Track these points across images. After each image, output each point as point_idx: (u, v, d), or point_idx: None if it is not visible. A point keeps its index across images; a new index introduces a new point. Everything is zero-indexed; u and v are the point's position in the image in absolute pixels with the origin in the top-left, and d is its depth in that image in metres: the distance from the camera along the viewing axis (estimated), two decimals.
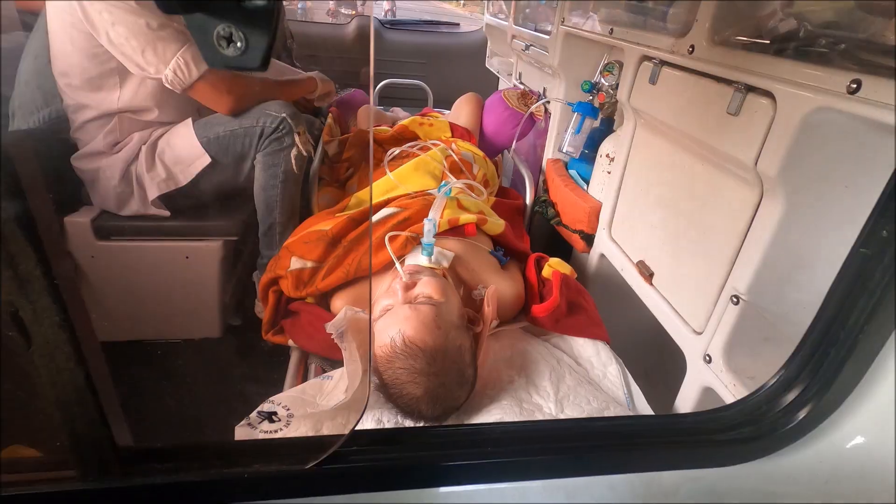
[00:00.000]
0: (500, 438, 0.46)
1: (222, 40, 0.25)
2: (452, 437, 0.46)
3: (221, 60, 0.25)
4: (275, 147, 1.41)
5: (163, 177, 1.41)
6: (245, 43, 0.25)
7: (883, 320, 0.41)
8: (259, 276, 1.60)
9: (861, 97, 0.64)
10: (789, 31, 0.78)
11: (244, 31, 0.24)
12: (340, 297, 1.14)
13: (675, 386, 1.08)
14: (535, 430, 0.52)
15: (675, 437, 0.48)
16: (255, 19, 0.24)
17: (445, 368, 0.86)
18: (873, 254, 0.42)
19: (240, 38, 0.25)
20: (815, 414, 0.45)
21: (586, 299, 1.20)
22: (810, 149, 0.77)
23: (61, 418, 0.32)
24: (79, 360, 0.31)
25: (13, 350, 0.30)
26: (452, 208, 1.24)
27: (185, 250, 1.54)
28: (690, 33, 0.98)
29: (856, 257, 0.44)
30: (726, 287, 0.93)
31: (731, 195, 0.94)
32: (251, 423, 0.82)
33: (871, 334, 0.41)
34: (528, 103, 1.91)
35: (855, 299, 0.42)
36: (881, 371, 0.42)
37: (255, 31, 0.24)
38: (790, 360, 0.49)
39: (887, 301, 0.40)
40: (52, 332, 0.30)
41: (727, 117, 0.89)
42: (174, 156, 1.41)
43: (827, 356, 0.44)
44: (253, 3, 0.23)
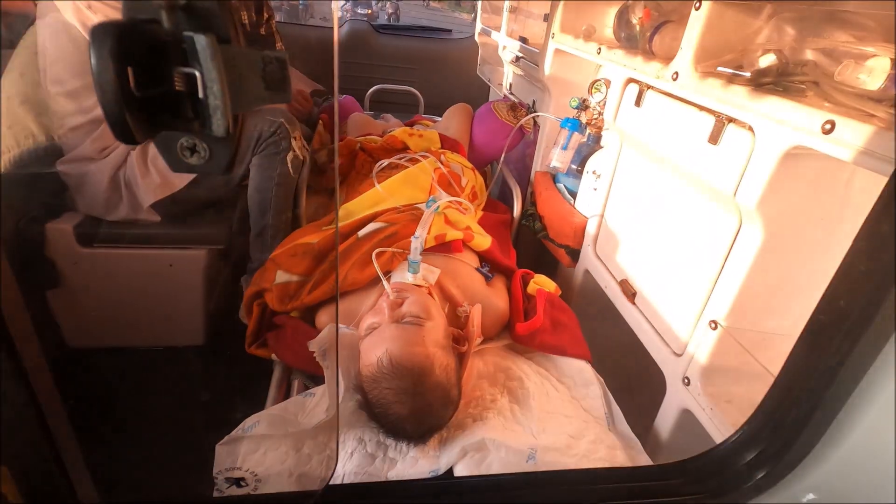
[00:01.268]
0: (470, 493, 0.46)
1: (186, 150, 0.25)
2: (426, 491, 0.47)
3: (186, 167, 0.26)
4: (271, 150, 1.42)
5: (158, 182, 1.40)
6: (208, 153, 0.25)
7: (840, 388, 0.42)
8: (248, 279, 1.59)
9: (835, 138, 0.66)
10: (769, 66, 0.80)
11: (208, 144, 0.25)
12: (326, 312, 1.14)
13: (654, 404, 1.10)
14: (509, 482, 0.52)
15: (645, 489, 0.49)
16: (219, 138, 0.24)
17: (431, 388, 0.86)
18: (831, 321, 0.43)
19: (203, 148, 0.25)
20: (774, 472, 0.46)
21: (570, 318, 1.21)
22: (788, 182, 0.79)
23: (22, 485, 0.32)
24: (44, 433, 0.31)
25: None
26: (439, 224, 1.25)
27: (169, 258, 1.53)
28: (675, 60, 1.00)
29: (815, 324, 0.45)
30: (706, 312, 0.95)
31: (712, 222, 0.96)
32: (218, 488, 0.81)
33: (830, 399, 0.43)
34: (517, 116, 1.93)
35: (814, 364, 0.44)
36: (839, 433, 0.44)
37: (217, 144, 0.25)
38: (753, 417, 0.51)
39: (847, 368, 0.41)
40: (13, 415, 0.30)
41: (708, 146, 0.91)
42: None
43: (787, 417, 0.45)
44: (214, 132, 0.23)
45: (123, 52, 0.21)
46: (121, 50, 0.21)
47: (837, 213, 0.82)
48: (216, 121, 0.23)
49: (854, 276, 0.41)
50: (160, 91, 0.23)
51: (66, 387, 0.54)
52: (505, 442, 0.90)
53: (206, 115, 0.23)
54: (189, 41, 0.22)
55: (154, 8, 0.22)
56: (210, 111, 0.23)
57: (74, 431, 0.33)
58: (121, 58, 0.21)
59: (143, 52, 0.22)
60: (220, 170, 0.27)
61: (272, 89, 0.25)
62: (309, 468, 0.89)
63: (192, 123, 0.24)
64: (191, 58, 0.22)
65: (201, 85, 0.22)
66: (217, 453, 0.91)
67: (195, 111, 0.24)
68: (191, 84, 0.23)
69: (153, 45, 0.22)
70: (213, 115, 0.23)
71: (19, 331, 0.29)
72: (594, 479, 0.52)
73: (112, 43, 0.21)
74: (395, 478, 0.88)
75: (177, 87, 0.23)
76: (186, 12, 0.22)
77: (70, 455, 0.33)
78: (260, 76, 0.24)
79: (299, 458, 0.91)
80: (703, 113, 0.94)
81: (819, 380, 0.42)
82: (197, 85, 0.23)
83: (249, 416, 0.96)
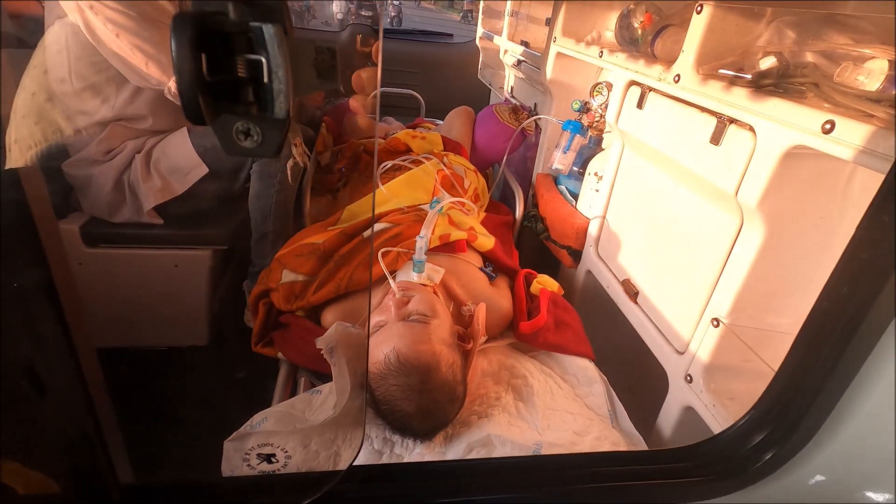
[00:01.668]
0: (488, 473, 0.48)
1: (241, 134, 0.27)
2: (446, 473, 0.48)
3: (240, 150, 0.28)
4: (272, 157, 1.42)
5: (159, 186, 1.41)
6: (261, 136, 0.27)
7: (844, 370, 0.44)
8: (249, 284, 1.61)
9: (835, 137, 0.68)
10: (769, 69, 0.82)
11: (261, 127, 0.27)
12: (331, 311, 1.15)
13: (657, 401, 1.11)
14: (521, 465, 0.54)
15: (655, 472, 0.50)
16: (271, 121, 0.26)
17: (438, 386, 0.87)
18: (834, 309, 0.45)
19: (256, 132, 0.27)
20: (780, 455, 0.48)
21: (573, 317, 1.22)
22: (789, 181, 0.81)
23: (67, 461, 0.33)
24: (89, 408, 0.32)
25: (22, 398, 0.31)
26: (444, 224, 1.26)
27: (174, 258, 1.54)
28: (677, 63, 1.02)
29: (818, 311, 0.47)
30: (707, 310, 0.96)
31: (713, 221, 0.97)
32: (250, 465, 0.83)
33: (832, 383, 0.44)
34: (519, 119, 1.94)
35: (818, 350, 0.45)
36: (841, 416, 0.45)
37: (269, 128, 0.26)
38: (759, 402, 0.52)
39: (848, 352, 0.43)
40: (65, 388, 0.31)
41: (710, 147, 0.93)
42: (170, 165, 1.41)
43: (792, 402, 0.47)
44: (274, 115, 0.25)
45: (198, 40, 0.23)
46: (197, 38, 0.23)
47: (837, 211, 0.84)
48: (279, 104, 0.24)
49: (856, 264, 0.42)
50: (224, 77, 0.24)
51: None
52: (510, 438, 0.91)
53: (268, 99, 0.25)
54: (257, 30, 0.24)
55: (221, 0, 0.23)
56: (274, 95, 0.24)
57: (116, 413, 0.34)
58: (196, 45, 0.23)
59: (213, 41, 0.24)
60: (271, 153, 0.28)
61: (322, 77, 0.27)
62: (316, 464, 0.90)
63: (250, 108, 0.26)
64: (257, 46, 0.24)
65: (266, 70, 0.24)
66: (225, 449, 0.91)
67: (256, 96, 0.25)
68: (254, 70, 0.24)
69: (220, 34, 0.24)
70: (276, 98, 0.24)
71: (73, 315, 0.30)
72: (603, 462, 0.54)
73: (191, 31, 0.23)
74: None
75: (239, 73, 0.25)
76: (249, 4, 0.24)
77: (112, 435, 0.34)
78: (312, 65, 0.26)
79: (307, 455, 0.91)
80: (705, 114, 0.95)
81: (822, 365, 0.44)
82: (262, 71, 0.24)
83: (257, 413, 0.97)
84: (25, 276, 0.29)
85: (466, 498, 0.44)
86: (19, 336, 0.29)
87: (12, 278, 0.28)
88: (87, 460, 0.33)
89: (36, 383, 0.30)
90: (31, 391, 0.30)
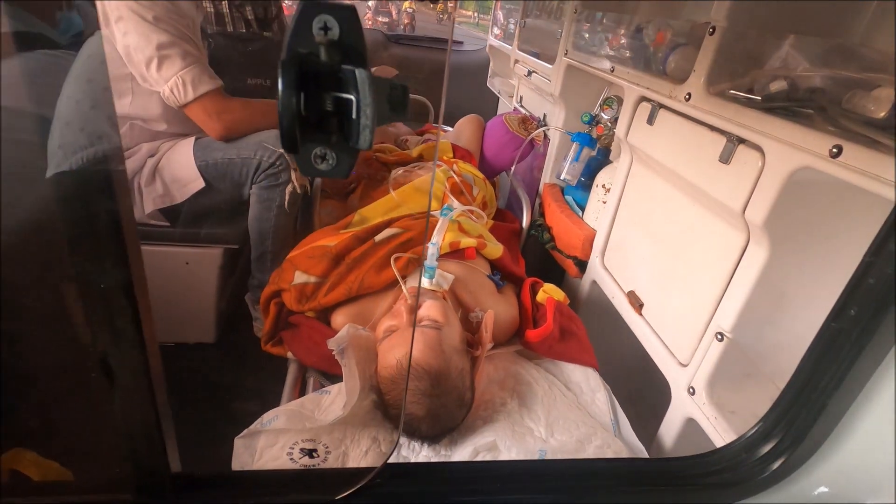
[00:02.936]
0: (509, 476, 0.50)
1: (318, 158, 0.29)
2: (473, 473, 0.50)
3: (315, 172, 0.30)
4: (270, 182, 1.43)
5: (159, 193, 1.44)
6: (336, 160, 0.29)
7: (849, 387, 0.46)
8: (251, 297, 1.63)
9: (842, 161, 0.70)
10: (779, 91, 0.84)
11: (336, 153, 0.29)
12: (341, 313, 1.17)
13: (659, 412, 1.13)
14: (536, 468, 0.56)
15: (663, 479, 0.52)
16: (346, 147, 0.28)
17: (447, 390, 0.89)
18: (842, 328, 0.47)
19: (332, 157, 0.29)
20: (786, 465, 0.50)
21: (578, 326, 1.24)
22: (795, 201, 0.83)
23: (127, 447, 0.35)
24: (151, 399, 0.34)
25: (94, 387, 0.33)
26: (454, 231, 1.29)
27: (186, 256, 1.56)
28: (688, 81, 1.04)
29: (827, 330, 0.49)
30: (712, 324, 0.98)
31: (720, 237, 0.99)
32: (293, 458, 0.85)
33: (838, 398, 0.46)
34: (528, 129, 1.97)
35: (826, 367, 0.47)
36: (846, 430, 0.47)
37: (343, 153, 0.29)
38: (767, 415, 0.54)
39: (854, 370, 0.45)
40: (133, 379, 0.33)
41: (718, 165, 0.95)
42: (172, 174, 1.43)
43: (799, 416, 0.49)
44: (358, 146, 0.27)
45: (300, 81, 0.25)
46: (299, 79, 0.25)
47: (843, 231, 0.86)
48: (363, 137, 0.27)
49: (864, 289, 0.45)
50: (315, 111, 0.27)
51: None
52: (515, 443, 0.93)
53: (353, 132, 0.27)
54: (349, 72, 0.26)
55: (315, 43, 0.26)
56: (360, 129, 0.27)
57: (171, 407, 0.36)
58: (298, 86, 0.25)
59: (308, 80, 0.26)
60: (344, 175, 0.31)
61: (395, 110, 0.29)
62: (325, 463, 0.92)
63: (331, 137, 0.28)
64: (347, 85, 0.26)
65: (356, 108, 0.26)
66: (235, 446, 0.93)
67: (339, 127, 0.28)
68: (343, 106, 0.27)
69: (313, 74, 0.26)
70: (362, 132, 0.27)
71: (145, 312, 0.33)
72: (614, 468, 0.56)
73: (295, 73, 0.25)
74: None
75: (327, 108, 0.27)
76: (339, 48, 0.26)
77: (167, 426, 0.36)
78: (386, 99, 0.28)
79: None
80: (715, 133, 0.98)
81: (829, 381, 0.46)
82: (351, 108, 0.27)
83: (268, 412, 0.99)
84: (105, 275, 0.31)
85: (491, 498, 0.46)
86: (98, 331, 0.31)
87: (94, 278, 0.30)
88: (145, 448, 0.36)
89: (109, 375, 0.32)
90: (104, 382, 0.32)
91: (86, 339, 0.31)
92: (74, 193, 0.38)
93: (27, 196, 0.46)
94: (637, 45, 1.37)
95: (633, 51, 1.36)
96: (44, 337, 0.35)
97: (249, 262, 1.61)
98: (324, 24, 0.26)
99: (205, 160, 1.42)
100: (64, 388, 0.33)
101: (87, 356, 0.32)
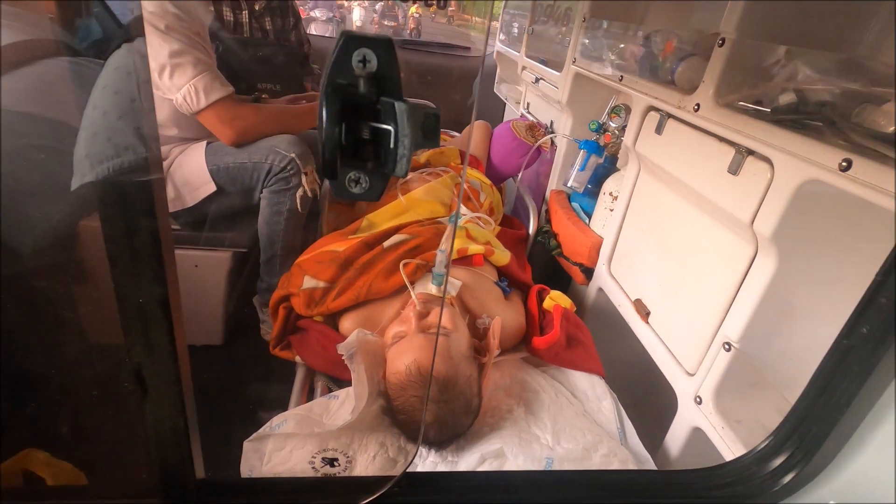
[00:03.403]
0: (523, 486, 0.50)
1: (352, 182, 0.31)
2: (490, 482, 0.51)
3: (349, 195, 0.31)
4: (281, 186, 1.45)
5: (171, 197, 1.45)
6: (369, 184, 0.31)
7: (861, 403, 0.46)
8: (259, 300, 1.64)
9: (851, 175, 0.70)
10: (788, 104, 0.85)
11: (370, 177, 0.30)
12: (349, 318, 1.18)
13: (665, 420, 1.13)
14: (548, 479, 0.56)
15: (673, 491, 0.53)
16: (379, 172, 0.30)
17: (455, 397, 0.90)
18: (854, 345, 0.47)
19: (366, 181, 0.31)
20: (797, 480, 0.50)
21: (584, 333, 1.25)
22: (804, 213, 0.83)
23: (156, 454, 0.36)
24: (181, 409, 0.35)
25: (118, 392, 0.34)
26: (462, 238, 1.29)
27: (195, 259, 1.58)
28: (697, 92, 1.05)
29: (839, 346, 0.50)
30: (719, 334, 0.99)
31: (728, 247, 1.00)
32: (314, 467, 0.87)
33: (850, 415, 0.47)
34: (535, 136, 1.98)
35: (837, 383, 0.48)
36: (857, 446, 0.48)
37: (376, 178, 0.30)
38: (778, 429, 0.55)
39: (866, 387, 0.45)
40: (165, 388, 0.35)
41: (727, 176, 0.96)
42: (183, 178, 1.45)
43: (810, 431, 0.50)
44: (395, 173, 0.28)
45: (342, 112, 0.26)
46: (341, 111, 0.26)
47: (852, 243, 0.86)
48: (401, 165, 0.28)
49: (875, 308, 0.45)
50: (353, 139, 0.28)
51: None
52: (522, 450, 0.94)
53: (390, 160, 0.28)
54: (388, 105, 0.27)
55: (354, 75, 0.27)
56: (398, 158, 0.28)
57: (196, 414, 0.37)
58: (340, 117, 0.27)
59: (348, 110, 0.27)
60: (376, 198, 0.32)
61: (427, 137, 0.30)
62: (345, 473, 0.93)
63: (366, 163, 0.29)
64: (385, 116, 0.28)
65: (394, 138, 0.28)
66: (245, 449, 0.94)
67: (375, 154, 0.29)
68: (379, 135, 0.28)
69: (353, 105, 0.27)
70: (399, 161, 0.28)
71: (177, 321, 0.34)
72: (623, 482, 0.56)
73: (339, 105, 0.26)
74: None
75: (364, 136, 0.28)
76: (377, 80, 0.27)
77: (193, 433, 0.37)
78: (420, 126, 0.29)
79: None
80: (724, 144, 0.98)
81: (840, 397, 0.47)
82: (389, 137, 0.28)
83: (276, 415, 0.99)
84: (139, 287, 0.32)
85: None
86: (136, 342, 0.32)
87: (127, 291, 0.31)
88: (173, 454, 0.37)
89: (141, 383, 0.33)
90: (137, 391, 0.34)
91: (120, 350, 0.32)
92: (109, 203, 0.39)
93: (51, 203, 0.47)
94: (645, 52, 1.38)
95: (641, 60, 1.37)
96: (73, 345, 0.36)
97: (258, 266, 1.62)
98: (363, 58, 0.27)
99: (216, 164, 1.44)
100: (94, 396, 0.34)
101: (121, 366, 0.33)
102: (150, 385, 0.34)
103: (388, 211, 1.47)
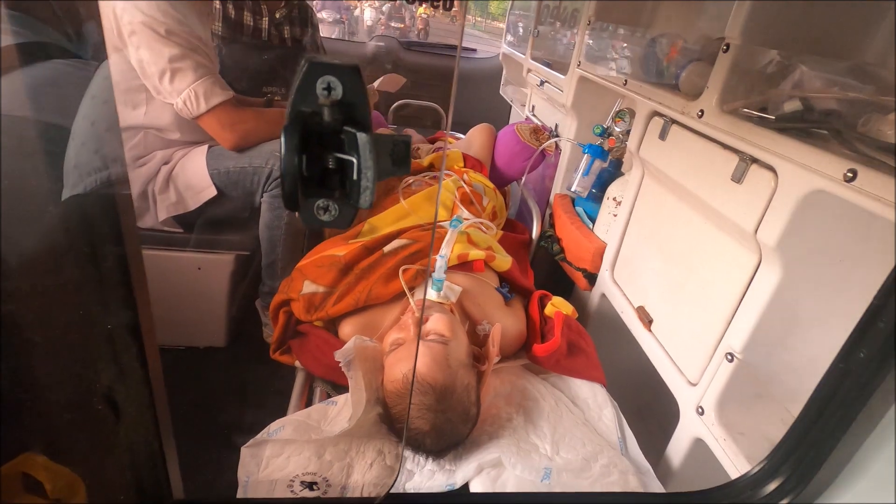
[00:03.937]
0: None
1: (320, 210, 0.30)
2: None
3: (318, 222, 0.31)
4: (280, 191, 1.45)
5: (173, 200, 1.46)
6: (338, 212, 0.30)
7: (857, 431, 0.45)
8: (261, 303, 1.64)
9: (856, 186, 0.69)
10: (793, 111, 0.83)
11: (339, 205, 0.30)
12: (349, 324, 1.17)
13: (667, 430, 1.12)
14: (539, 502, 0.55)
15: None
16: (348, 201, 0.29)
17: (453, 406, 0.89)
18: (850, 370, 0.46)
19: (334, 209, 0.30)
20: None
21: (586, 341, 1.24)
22: (808, 223, 0.82)
23: (131, 477, 0.36)
24: (156, 433, 0.35)
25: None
26: (462, 243, 1.29)
27: (198, 261, 1.58)
28: (701, 98, 1.03)
29: (835, 370, 0.48)
30: (722, 344, 0.97)
31: (731, 256, 0.98)
32: (293, 491, 0.87)
33: (845, 442, 0.46)
34: (540, 139, 1.97)
35: (834, 409, 0.47)
36: (852, 475, 0.47)
37: (346, 206, 0.30)
38: (773, 452, 0.54)
39: (862, 415, 0.44)
40: (138, 412, 0.34)
41: (731, 184, 0.94)
42: (185, 181, 1.46)
43: (806, 457, 0.48)
44: (362, 205, 0.28)
45: (302, 142, 0.26)
46: (301, 143, 0.26)
47: (857, 254, 0.84)
48: (364, 197, 0.28)
49: (873, 332, 0.44)
50: (317, 170, 0.27)
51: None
52: (520, 460, 0.93)
53: (355, 191, 0.28)
54: (350, 135, 0.27)
55: (318, 104, 0.26)
56: (361, 189, 0.28)
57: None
58: (300, 149, 0.26)
59: (310, 140, 0.27)
60: (345, 226, 0.31)
61: (397, 164, 0.30)
62: (330, 474, 0.92)
63: (334, 192, 0.29)
64: (349, 147, 0.27)
65: (356, 169, 0.27)
66: (242, 455, 0.94)
67: (341, 184, 0.28)
68: (344, 165, 0.28)
69: (316, 135, 0.27)
70: (363, 192, 0.28)
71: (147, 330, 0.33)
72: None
73: (299, 136, 0.26)
74: (413, 489, 0.91)
75: (329, 166, 0.28)
76: (341, 108, 0.27)
77: (171, 455, 0.37)
78: (389, 155, 0.29)
79: (321, 465, 0.94)
80: (728, 151, 0.97)
81: (836, 424, 0.45)
82: (352, 168, 0.27)
83: (274, 421, 0.99)
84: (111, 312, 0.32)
85: None
86: (105, 366, 0.32)
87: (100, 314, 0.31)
88: (150, 476, 0.36)
89: (114, 406, 0.33)
90: (109, 414, 0.33)
91: (92, 373, 0.32)
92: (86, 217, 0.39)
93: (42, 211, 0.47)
94: (649, 54, 1.37)
95: (645, 63, 1.36)
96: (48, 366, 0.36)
97: (260, 268, 1.63)
98: (327, 85, 0.26)
99: (217, 168, 1.44)
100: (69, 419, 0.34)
101: (93, 388, 0.33)
102: (121, 408, 0.34)
103: (390, 215, 1.47)
